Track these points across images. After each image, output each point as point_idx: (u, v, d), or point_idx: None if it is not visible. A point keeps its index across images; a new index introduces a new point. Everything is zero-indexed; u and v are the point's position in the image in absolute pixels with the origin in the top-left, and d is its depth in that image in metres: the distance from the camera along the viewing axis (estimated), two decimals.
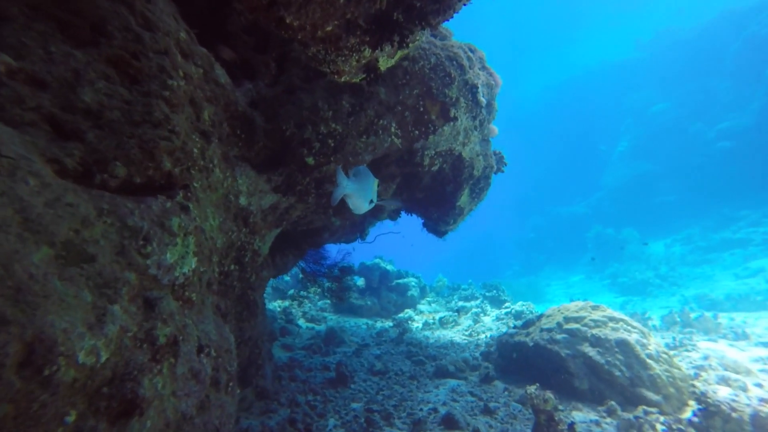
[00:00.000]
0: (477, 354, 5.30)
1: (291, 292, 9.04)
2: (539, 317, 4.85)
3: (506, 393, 4.18)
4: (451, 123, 3.35)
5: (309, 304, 8.64)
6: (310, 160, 3.12)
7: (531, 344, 4.45)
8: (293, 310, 7.81)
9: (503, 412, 3.77)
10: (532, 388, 3.01)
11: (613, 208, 22.36)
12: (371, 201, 2.31)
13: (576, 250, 21.60)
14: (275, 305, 8.25)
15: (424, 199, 3.78)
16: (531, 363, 4.47)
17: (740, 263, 13.04)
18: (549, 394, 2.95)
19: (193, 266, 2.01)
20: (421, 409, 3.83)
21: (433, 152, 3.42)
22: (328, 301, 8.49)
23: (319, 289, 5.05)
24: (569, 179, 29.58)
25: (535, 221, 27.96)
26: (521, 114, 37.08)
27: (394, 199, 2.98)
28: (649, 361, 4.12)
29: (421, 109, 3.23)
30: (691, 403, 3.91)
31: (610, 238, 19.50)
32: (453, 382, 4.53)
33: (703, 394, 3.33)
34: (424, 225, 4.32)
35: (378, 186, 2.46)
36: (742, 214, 15.92)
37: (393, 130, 3.24)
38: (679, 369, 4.18)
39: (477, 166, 3.68)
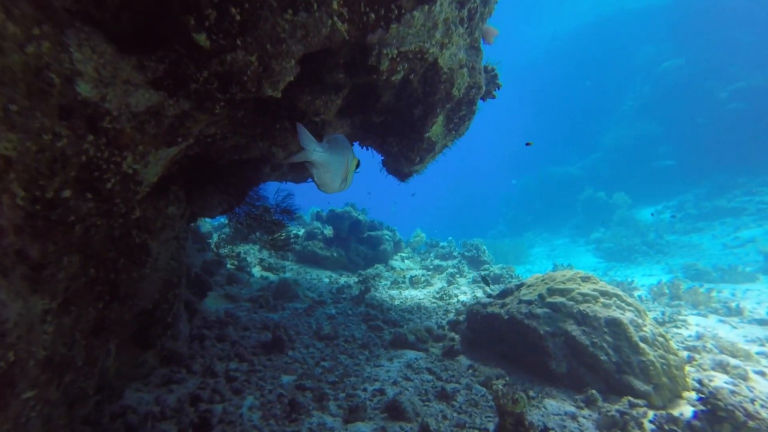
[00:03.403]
0: (444, 322, 4.62)
1: (264, 237, 8.18)
2: (519, 286, 4.11)
3: (470, 372, 3.52)
4: (425, 7, 2.24)
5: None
6: (202, 39, 2.02)
7: (506, 317, 3.74)
8: (250, 256, 6.99)
9: (463, 396, 3.12)
10: (499, 384, 2.28)
11: (608, 171, 21.46)
12: (344, 180, 1.85)
13: (565, 212, 21.03)
14: (232, 248, 7.39)
15: (382, 125, 2.75)
16: (503, 338, 3.79)
17: (731, 233, 12.61)
18: (520, 393, 2.22)
19: None
20: (365, 389, 3.15)
21: (396, 52, 2.34)
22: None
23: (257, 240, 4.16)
24: (567, 138, 28.21)
25: (526, 180, 27.05)
26: (524, 64, 34.59)
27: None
28: (642, 344, 3.45)
29: None
30: (686, 395, 3.32)
31: (601, 202, 18.91)
32: (411, 354, 3.86)
33: (712, 394, 2.66)
34: (384, 163, 3.34)
35: (357, 167, 1.90)
36: (739, 182, 15.22)
37: (336, 6, 2.14)
38: (676, 355, 3.54)
39: (459, 82, 2.63)
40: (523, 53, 35.13)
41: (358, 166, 2.02)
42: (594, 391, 3.22)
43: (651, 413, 3.05)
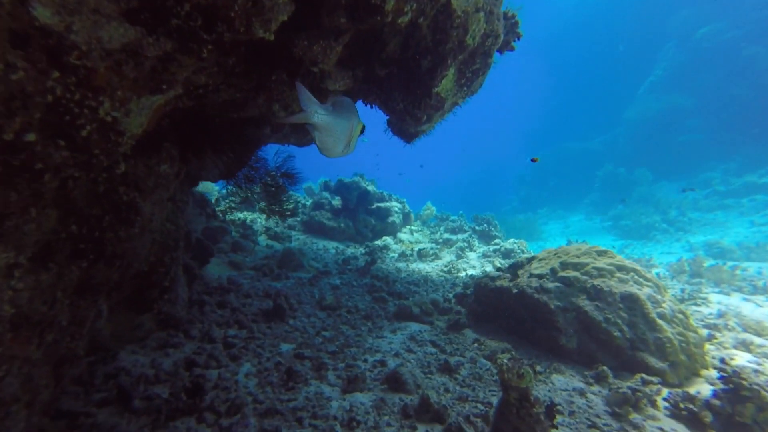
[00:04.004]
0: (450, 295, 4.49)
1: (262, 204, 8.09)
2: (530, 260, 3.90)
3: (476, 345, 3.40)
4: None
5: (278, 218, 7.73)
6: None
7: (515, 291, 3.56)
8: (255, 225, 6.93)
9: (467, 370, 3.00)
10: (504, 358, 2.13)
11: (630, 147, 20.47)
12: (347, 145, 1.76)
13: (581, 189, 20.37)
14: (239, 216, 7.33)
15: (386, 78, 2.49)
16: (511, 312, 3.64)
17: (760, 209, 11.97)
18: (526, 368, 2.07)
19: None
20: (365, 360, 3.06)
21: None
22: (299, 218, 7.60)
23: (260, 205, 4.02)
24: (589, 112, 26.94)
25: (543, 155, 26.16)
26: (548, 31, 32.68)
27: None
28: (659, 321, 3.25)
29: None
30: (704, 373, 3.14)
31: (621, 178, 18.18)
32: (415, 326, 3.75)
33: (736, 372, 2.47)
34: (389, 123, 3.07)
35: (362, 132, 1.81)
36: None
37: None
38: (696, 332, 3.34)
39: (473, 29, 2.33)
40: (549, 15, 33.01)
41: (363, 131, 1.88)
42: (605, 368, 3.07)
43: (665, 391, 2.89)
